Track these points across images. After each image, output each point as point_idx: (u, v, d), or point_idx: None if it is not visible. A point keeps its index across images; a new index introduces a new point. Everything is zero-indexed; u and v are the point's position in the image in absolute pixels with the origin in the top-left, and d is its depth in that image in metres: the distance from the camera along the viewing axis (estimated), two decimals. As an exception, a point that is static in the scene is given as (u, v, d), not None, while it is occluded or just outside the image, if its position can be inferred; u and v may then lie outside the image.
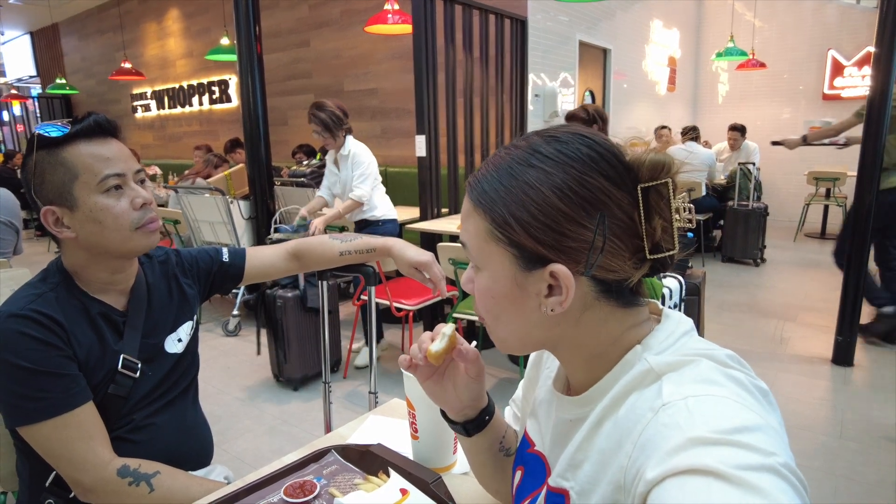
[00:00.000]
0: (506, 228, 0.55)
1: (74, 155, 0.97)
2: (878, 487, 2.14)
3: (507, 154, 0.58)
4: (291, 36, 6.13)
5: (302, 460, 0.98)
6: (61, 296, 1.02)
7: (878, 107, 2.97)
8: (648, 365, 0.53)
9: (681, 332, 0.57)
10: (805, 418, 2.65)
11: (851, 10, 7.20)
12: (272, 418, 2.81)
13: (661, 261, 0.56)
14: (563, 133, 0.57)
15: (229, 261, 1.30)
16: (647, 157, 0.55)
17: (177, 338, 1.17)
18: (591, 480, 0.55)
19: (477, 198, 0.58)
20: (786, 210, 7.60)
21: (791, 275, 5.24)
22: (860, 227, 3.11)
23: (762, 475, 0.41)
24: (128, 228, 1.01)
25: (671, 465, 0.43)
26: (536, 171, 0.55)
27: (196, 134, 7.90)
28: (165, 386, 1.15)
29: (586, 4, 5.31)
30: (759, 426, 0.44)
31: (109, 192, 0.99)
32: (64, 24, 10.07)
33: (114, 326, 1.07)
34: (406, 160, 5.27)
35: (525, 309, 0.58)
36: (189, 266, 1.25)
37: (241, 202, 4.04)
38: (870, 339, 3.49)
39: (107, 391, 1.03)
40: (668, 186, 0.55)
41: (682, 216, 0.56)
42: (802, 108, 7.65)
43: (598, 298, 0.56)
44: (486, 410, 0.77)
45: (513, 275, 0.57)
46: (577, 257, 0.54)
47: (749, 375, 0.52)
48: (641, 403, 0.51)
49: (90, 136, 0.99)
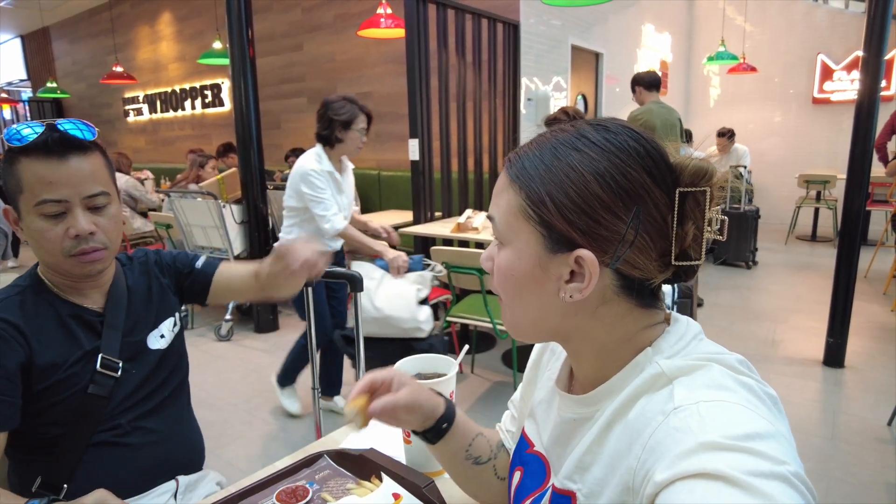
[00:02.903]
0: (540, 207, 0.55)
1: (23, 169, 0.95)
2: (870, 488, 2.15)
3: (552, 136, 0.58)
4: (284, 40, 6.12)
5: (294, 465, 0.98)
6: (28, 299, 1.02)
7: (867, 110, 3.00)
8: (660, 368, 0.53)
9: (691, 335, 0.57)
10: (797, 419, 2.66)
11: (840, 15, 7.27)
12: (264, 423, 2.80)
13: (684, 269, 0.56)
14: (613, 124, 0.57)
15: (201, 268, 1.27)
16: (691, 162, 0.55)
17: (159, 334, 1.17)
18: (600, 483, 0.55)
19: (515, 173, 0.58)
20: (777, 213, 7.66)
21: (783, 277, 5.28)
22: (850, 231, 3.14)
23: (772, 483, 0.41)
24: (60, 254, 0.98)
25: (681, 468, 0.43)
26: (581, 155, 0.55)
27: (189, 138, 7.86)
28: (151, 385, 1.14)
29: (579, 9, 5.33)
30: (771, 434, 0.45)
31: (46, 216, 0.96)
32: (55, 28, 10.02)
33: (89, 327, 1.06)
34: (399, 164, 5.27)
35: (544, 292, 0.57)
36: (167, 265, 1.25)
37: (234, 206, 4.03)
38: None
39: (87, 392, 1.02)
40: (706, 195, 0.55)
41: (712, 227, 0.56)
42: (793, 112, 7.72)
43: (618, 294, 0.56)
44: (443, 418, 0.75)
45: (538, 255, 0.56)
46: (605, 247, 0.54)
47: (759, 382, 0.52)
48: (652, 407, 0.51)
49: (47, 152, 0.94)
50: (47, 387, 0.99)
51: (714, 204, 0.55)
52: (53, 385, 1.00)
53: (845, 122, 6.90)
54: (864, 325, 3.82)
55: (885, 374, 3.10)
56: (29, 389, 0.98)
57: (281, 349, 3.78)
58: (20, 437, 1.01)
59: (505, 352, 3.58)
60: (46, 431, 1.02)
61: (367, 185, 5.40)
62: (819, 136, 7.53)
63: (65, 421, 1.01)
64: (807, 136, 7.64)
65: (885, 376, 3.08)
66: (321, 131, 2.51)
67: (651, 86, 4.04)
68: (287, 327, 4.21)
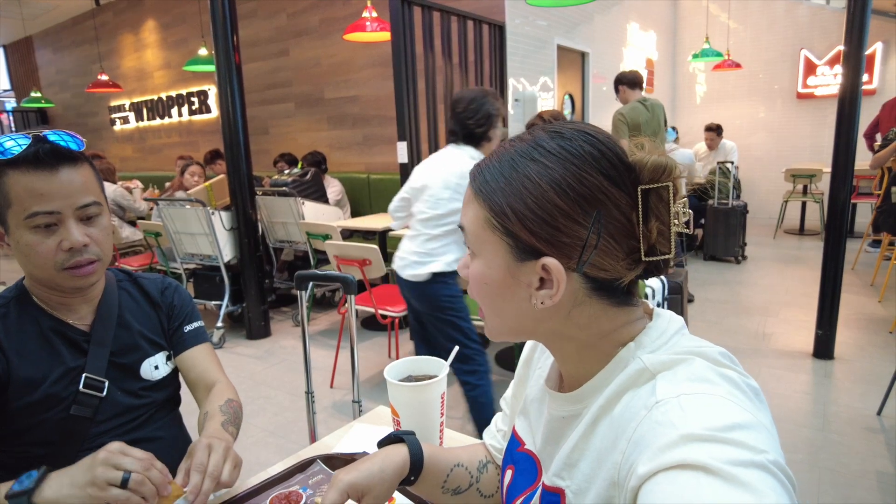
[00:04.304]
0: (502, 218, 0.56)
1: (11, 182, 0.92)
2: (860, 478, 2.18)
3: (510, 146, 0.59)
4: (270, 45, 6.11)
5: (287, 471, 0.98)
6: (12, 312, 1.00)
7: (850, 104, 3.04)
8: (643, 364, 0.54)
9: (673, 330, 0.58)
10: (788, 411, 2.69)
11: (822, 11, 7.35)
12: (257, 429, 2.79)
13: (655, 263, 0.57)
14: (568, 129, 0.57)
15: (187, 333, 1.19)
16: (649, 159, 0.55)
17: (153, 364, 1.13)
18: (587, 479, 0.55)
19: (479, 186, 0.59)
20: (765, 207, 7.73)
21: (772, 271, 5.32)
22: (836, 224, 3.17)
23: (752, 471, 0.41)
24: (52, 268, 0.96)
25: (663, 460, 0.44)
26: (537, 165, 0.55)
27: (176, 145, 7.82)
28: (140, 415, 1.09)
29: (564, 9, 5.36)
30: (751, 424, 0.45)
31: (38, 229, 0.94)
32: (38, 37, 9.93)
33: (73, 345, 1.03)
34: (388, 167, 5.27)
35: (516, 299, 0.58)
36: (178, 308, 1.20)
37: (223, 213, 4.01)
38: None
39: (69, 412, 0.99)
40: (669, 190, 0.55)
41: (679, 221, 0.57)
42: (778, 107, 7.80)
43: (590, 295, 0.57)
44: (409, 474, 0.72)
45: (507, 264, 0.57)
46: (570, 253, 0.54)
47: (741, 374, 0.52)
48: (636, 402, 0.52)
49: (37, 164, 0.92)
50: (28, 404, 0.97)
51: (678, 198, 0.56)
52: (34, 404, 0.97)
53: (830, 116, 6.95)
54: (852, 316, 3.86)
55: (874, 365, 3.14)
56: (8, 405, 0.96)
57: (273, 355, 3.77)
58: (2, 456, 0.99)
59: (498, 352, 3.58)
60: (29, 451, 0.99)
61: (357, 189, 5.40)
62: (804, 131, 7.61)
63: (48, 441, 0.99)
64: (792, 130, 7.72)
65: (874, 366, 3.11)
66: (475, 129, 2.20)
67: (634, 84, 4.09)
68: (279, 333, 4.20)
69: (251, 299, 4.04)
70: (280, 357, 3.74)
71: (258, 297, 4.05)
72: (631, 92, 4.09)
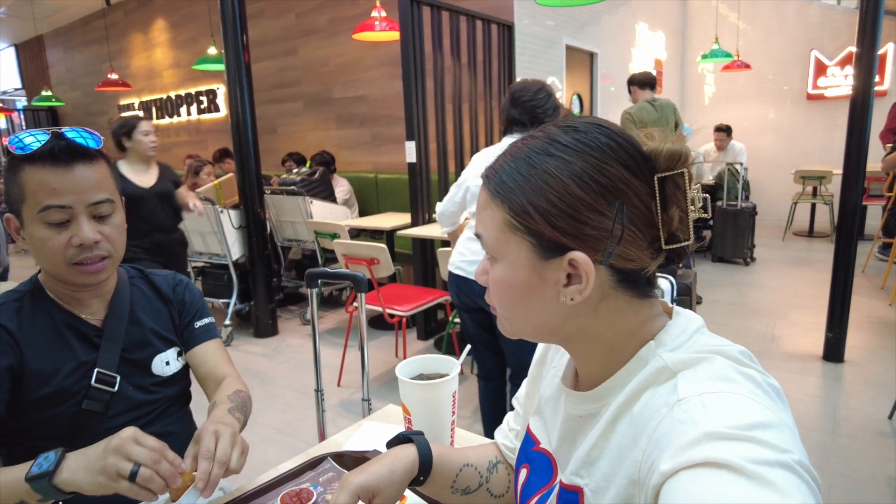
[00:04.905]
0: (524, 217, 0.56)
1: (27, 177, 0.94)
2: (871, 482, 2.16)
3: (524, 144, 0.59)
4: (279, 44, 6.12)
5: (298, 468, 0.98)
6: (26, 305, 1.01)
7: (861, 106, 3.01)
8: (664, 362, 0.54)
9: (693, 328, 0.58)
10: (798, 414, 2.67)
11: (833, 11, 7.30)
12: (265, 427, 2.80)
13: (676, 251, 0.57)
14: (581, 123, 0.57)
15: (197, 328, 1.20)
16: (664, 147, 0.56)
17: (164, 360, 1.14)
18: (607, 477, 0.55)
19: (494, 188, 0.59)
20: (774, 209, 7.68)
21: (780, 273, 5.29)
22: (847, 226, 3.15)
23: (776, 471, 0.41)
24: (62, 263, 0.97)
25: (686, 457, 0.44)
26: (555, 160, 0.55)
27: (185, 144, 7.86)
28: (151, 410, 1.10)
29: (572, 9, 5.35)
30: (774, 423, 0.45)
31: (50, 224, 0.95)
32: (49, 37, 10.00)
33: (85, 339, 1.04)
34: (396, 166, 5.27)
35: (544, 298, 0.58)
36: (189, 304, 1.21)
37: (231, 211, 4.03)
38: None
39: (81, 407, 1.00)
40: (685, 176, 0.55)
41: (696, 206, 0.57)
42: (788, 108, 7.75)
43: (616, 288, 0.57)
44: (417, 475, 0.72)
45: (531, 264, 0.57)
46: (595, 245, 0.54)
47: (762, 373, 0.52)
48: (656, 400, 0.52)
49: (53, 160, 0.94)
50: (40, 397, 0.98)
51: (692, 183, 0.56)
52: (47, 397, 0.98)
53: (840, 117, 6.93)
54: (862, 319, 3.83)
55: (885, 368, 3.11)
56: (22, 397, 0.97)
57: (280, 353, 3.79)
58: (14, 451, 1.00)
59: (505, 352, 3.57)
60: (41, 446, 0.99)
61: (365, 188, 5.41)
62: (814, 132, 7.56)
63: (59, 435, 1.00)
64: (802, 132, 7.66)
65: (885, 370, 3.09)
66: (544, 118, 2.07)
67: (644, 84, 4.10)
68: (286, 332, 4.21)
69: (259, 297, 4.06)
70: (287, 355, 3.75)
71: (266, 295, 4.07)
72: (641, 92, 4.10)
